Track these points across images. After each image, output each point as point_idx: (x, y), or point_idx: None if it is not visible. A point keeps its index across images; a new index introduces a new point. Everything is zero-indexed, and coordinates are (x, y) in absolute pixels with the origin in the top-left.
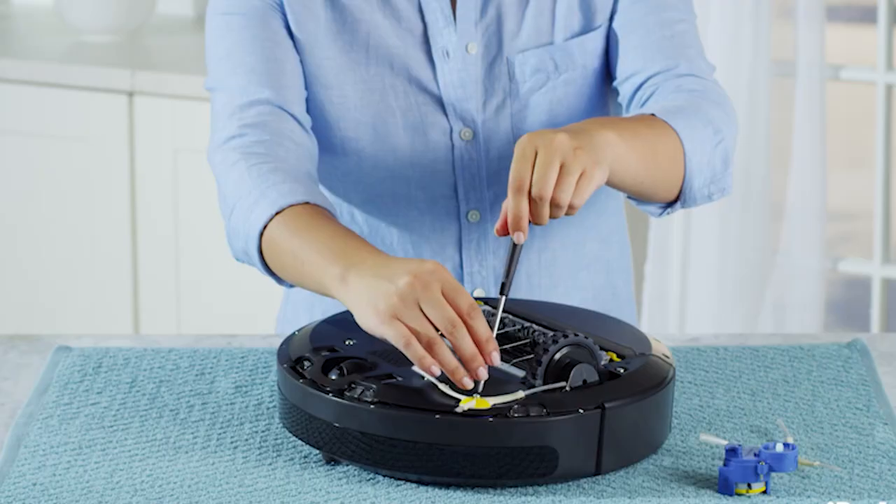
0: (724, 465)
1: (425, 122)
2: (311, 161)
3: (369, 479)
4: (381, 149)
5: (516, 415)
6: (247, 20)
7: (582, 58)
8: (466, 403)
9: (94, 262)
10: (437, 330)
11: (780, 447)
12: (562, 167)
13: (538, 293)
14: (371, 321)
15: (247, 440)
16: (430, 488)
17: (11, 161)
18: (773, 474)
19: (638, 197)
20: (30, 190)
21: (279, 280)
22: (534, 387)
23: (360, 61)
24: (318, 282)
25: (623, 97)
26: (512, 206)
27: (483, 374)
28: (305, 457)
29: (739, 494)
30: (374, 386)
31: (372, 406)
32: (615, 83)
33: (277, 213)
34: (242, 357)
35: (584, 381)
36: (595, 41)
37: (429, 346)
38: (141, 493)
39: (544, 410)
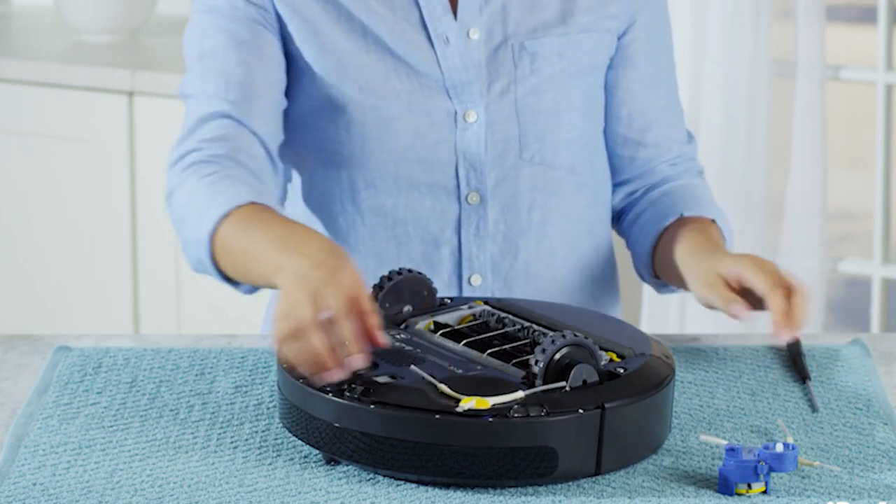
0: (724, 465)
1: (429, 104)
2: (265, 174)
3: (369, 479)
4: (386, 131)
5: (516, 415)
6: (226, 22)
7: (591, 54)
8: (466, 403)
9: (94, 262)
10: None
11: (780, 447)
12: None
13: (536, 282)
14: (277, 325)
15: (247, 440)
16: (429, 488)
17: (11, 161)
18: (773, 474)
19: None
20: (30, 190)
21: (236, 285)
22: (534, 387)
23: (361, 47)
24: (264, 276)
25: (619, 151)
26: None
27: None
28: (305, 457)
29: (739, 494)
30: (373, 386)
31: (372, 406)
32: (609, 117)
33: (225, 217)
34: (242, 357)
35: (584, 382)
36: (607, 43)
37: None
38: (141, 493)
39: (544, 411)
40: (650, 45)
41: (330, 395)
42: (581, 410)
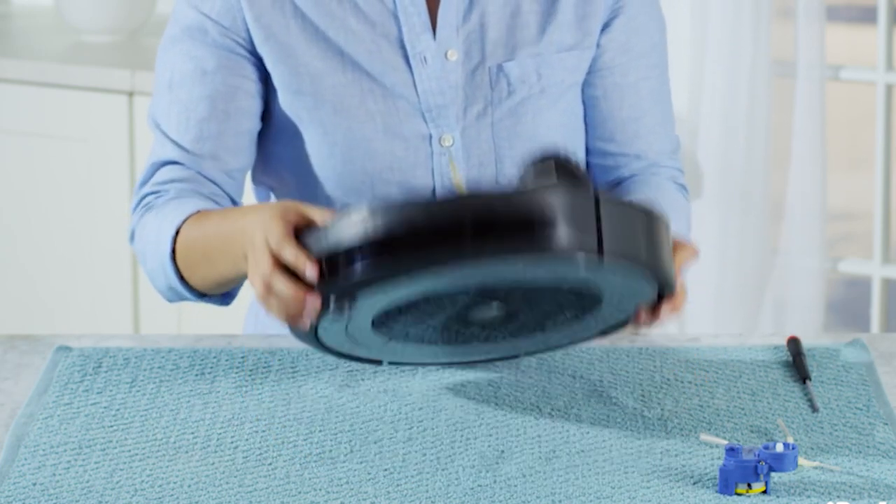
0: (724, 465)
1: (404, 128)
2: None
3: (369, 479)
4: (361, 153)
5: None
6: (196, 49)
7: (570, 73)
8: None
9: (94, 262)
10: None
11: (780, 447)
12: None
13: None
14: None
15: (247, 440)
16: (429, 488)
17: (11, 161)
18: (773, 474)
19: None
20: (30, 190)
21: (220, 300)
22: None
23: (336, 68)
24: (234, 267)
25: (590, 170)
26: None
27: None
28: (305, 457)
29: (739, 494)
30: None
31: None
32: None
33: (178, 231)
34: (242, 357)
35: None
36: (585, 60)
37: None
38: (141, 493)
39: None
40: (625, 55)
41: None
42: (573, 189)
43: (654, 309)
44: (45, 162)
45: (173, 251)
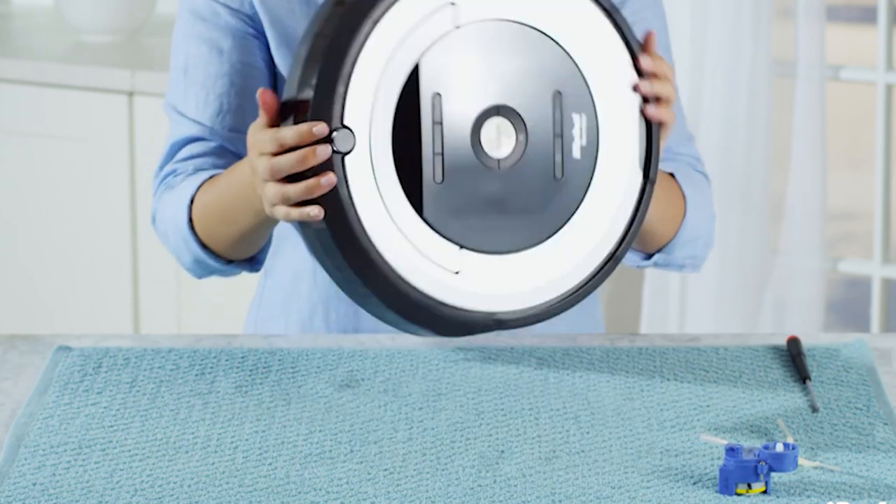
0: (724, 465)
1: None
2: None
3: (369, 479)
4: None
5: None
6: (209, 31)
7: None
8: None
9: (94, 262)
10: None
11: (780, 447)
12: None
13: None
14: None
15: (247, 440)
16: (429, 488)
17: (11, 161)
18: (773, 474)
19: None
20: (30, 190)
21: (250, 265)
22: None
23: None
24: (252, 212)
25: None
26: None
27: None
28: (305, 457)
29: (739, 494)
30: None
31: None
32: None
33: (192, 200)
34: (242, 357)
35: None
36: None
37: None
38: (141, 493)
39: None
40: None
41: None
42: None
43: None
44: (45, 162)
45: (191, 220)
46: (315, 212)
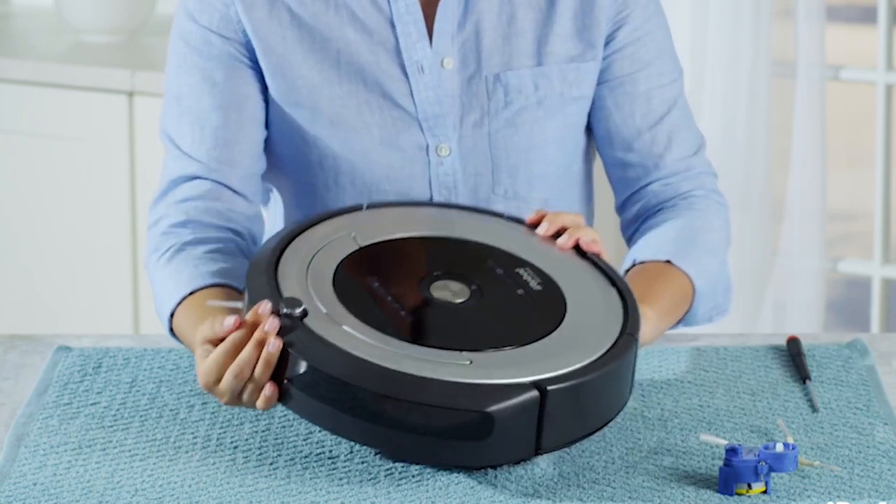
0: (724, 465)
1: (401, 138)
2: (236, 220)
3: (369, 479)
4: (358, 164)
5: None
6: (202, 61)
7: (569, 86)
8: None
9: (94, 262)
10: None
11: (780, 447)
12: None
13: None
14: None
15: (247, 440)
16: (429, 488)
17: (11, 161)
18: (773, 474)
19: None
20: (30, 190)
21: None
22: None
23: (333, 79)
24: None
25: (615, 185)
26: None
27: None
28: (306, 457)
29: (739, 494)
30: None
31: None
32: (599, 144)
33: (175, 309)
34: None
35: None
36: (589, 73)
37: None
38: (141, 493)
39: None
40: (633, 65)
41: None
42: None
43: None
44: (45, 162)
45: (171, 329)
46: (269, 391)
